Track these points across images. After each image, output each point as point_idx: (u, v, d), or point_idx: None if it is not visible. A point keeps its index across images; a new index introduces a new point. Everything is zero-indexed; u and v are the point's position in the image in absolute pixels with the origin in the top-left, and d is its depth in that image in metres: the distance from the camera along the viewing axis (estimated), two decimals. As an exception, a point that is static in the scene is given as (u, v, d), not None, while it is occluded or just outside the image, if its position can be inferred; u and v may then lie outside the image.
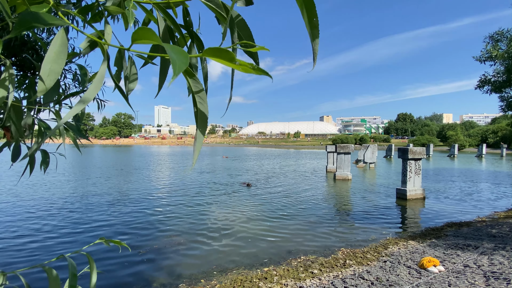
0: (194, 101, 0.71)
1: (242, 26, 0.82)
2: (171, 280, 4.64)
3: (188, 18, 0.90)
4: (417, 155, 10.74)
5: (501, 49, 7.66)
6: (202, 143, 0.72)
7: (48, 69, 0.58)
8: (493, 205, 10.28)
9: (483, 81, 8.80)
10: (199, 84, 0.71)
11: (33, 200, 10.22)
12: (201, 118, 0.72)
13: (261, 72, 0.62)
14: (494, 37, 7.89)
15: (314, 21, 0.67)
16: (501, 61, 7.79)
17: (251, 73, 0.62)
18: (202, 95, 0.72)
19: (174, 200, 10.50)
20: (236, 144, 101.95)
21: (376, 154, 24.72)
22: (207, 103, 0.73)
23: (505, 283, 4.01)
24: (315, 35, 0.68)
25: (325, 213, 8.90)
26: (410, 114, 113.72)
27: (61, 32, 0.60)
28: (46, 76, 0.58)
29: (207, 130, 0.80)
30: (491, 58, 7.85)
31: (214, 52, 0.59)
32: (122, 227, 7.33)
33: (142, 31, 0.58)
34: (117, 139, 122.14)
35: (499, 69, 8.19)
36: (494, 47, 7.73)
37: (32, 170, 1.20)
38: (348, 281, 4.37)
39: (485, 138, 67.86)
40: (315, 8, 0.66)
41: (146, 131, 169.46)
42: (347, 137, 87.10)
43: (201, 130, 0.71)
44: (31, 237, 6.53)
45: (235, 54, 0.59)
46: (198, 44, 0.92)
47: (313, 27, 0.67)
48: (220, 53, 0.58)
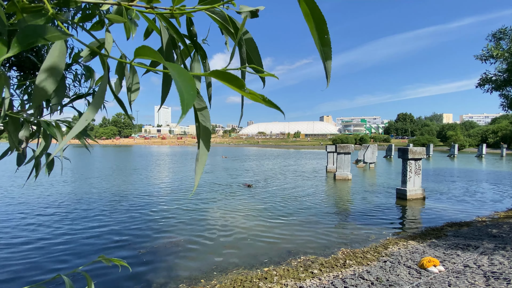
0: (196, 117, 0.68)
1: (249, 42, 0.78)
2: (171, 280, 4.64)
3: (192, 28, 0.87)
4: (417, 155, 10.74)
5: (502, 48, 7.64)
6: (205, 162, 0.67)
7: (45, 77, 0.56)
8: (493, 205, 10.27)
9: (484, 79, 8.78)
10: (202, 102, 0.67)
11: (32, 200, 10.22)
12: (204, 134, 0.67)
13: (271, 105, 0.58)
14: (497, 35, 7.86)
15: (326, 39, 0.61)
16: (502, 60, 7.77)
17: (260, 103, 0.58)
18: (205, 113, 0.68)
19: (174, 201, 10.50)
20: (236, 144, 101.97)
21: (376, 154, 24.71)
22: (209, 119, 0.68)
23: (505, 283, 4.01)
24: (328, 54, 0.63)
25: (325, 213, 8.90)
26: (410, 114, 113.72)
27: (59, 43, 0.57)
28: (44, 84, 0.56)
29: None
30: (492, 56, 7.83)
31: (222, 75, 0.56)
32: (122, 227, 7.32)
33: (144, 49, 0.57)
34: (117, 139, 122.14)
35: (501, 67, 8.16)
36: (496, 45, 7.71)
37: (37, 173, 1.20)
38: (348, 281, 4.37)
39: (485, 138, 67.84)
40: (326, 24, 0.60)
41: (146, 131, 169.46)
42: (347, 137, 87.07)
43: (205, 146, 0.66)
44: (30, 244, 6.53)
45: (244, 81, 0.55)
46: (202, 54, 0.90)
47: (325, 45, 0.62)
48: (229, 78, 0.56)
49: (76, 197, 10.88)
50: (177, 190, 12.74)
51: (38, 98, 0.56)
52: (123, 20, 0.72)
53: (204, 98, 0.71)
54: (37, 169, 1.16)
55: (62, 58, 0.57)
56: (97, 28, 0.80)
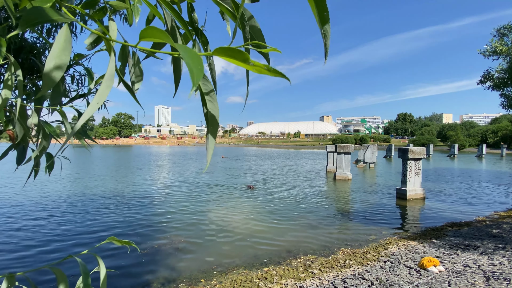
0: (204, 101, 0.69)
1: (252, 23, 0.79)
2: (171, 280, 4.64)
3: (193, 13, 0.88)
4: (417, 155, 10.74)
5: (506, 44, 7.59)
6: (215, 143, 0.71)
7: (53, 65, 0.58)
8: (493, 205, 10.27)
9: (486, 76, 8.73)
10: (208, 84, 0.69)
11: (32, 200, 10.22)
12: (212, 118, 0.69)
13: (277, 73, 0.58)
14: (501, 31, 7.81)
15: (325, 16, 0.63)
16: (504, 56, 7.73)
17: (266, 74, 0.58)
18: (213, 96, 0.69)
19: (174, 200, 10.50)
20: (236, 144, 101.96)
21: (376, 154, 24.71)
22: (217, 102, 0.70)
23: (505, 283, 4.01)
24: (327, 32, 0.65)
25: (325, 213, 8.90)
26: (410, 114, 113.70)
27: (65, 28, 0.59)
28: (52, 71, 0.58)
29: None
30: (496, 52, 7.78)
31: (225, 52, 0.56)
32: (122, 227, 7.32)
33: (152, 30, 0.57)
34: (117, 139, 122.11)
35: (502, 66, 8.13)
36: (500, 41, 7.66)
37: (37, 173, 1.20)
38: (348, 281, 4.37)
39: (485, 138, 67.85)
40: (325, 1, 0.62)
41: (146, 131, 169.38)
42: (347, 137, 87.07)
43: (213, 129, 0.70)
44: (32, 240, 6.53)
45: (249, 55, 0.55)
46: (203, 40, 0.91)
47: (324, 23, 0.64)
48: (233, 53, 0.55)
49: (74, 198, 10.88)
50: (177, 190, 12.73)
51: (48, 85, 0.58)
52: (126, 6, 0.73)
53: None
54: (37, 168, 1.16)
55: (68, 45, 0.59)
56: (99, 16, 0.80)
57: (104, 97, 0.59)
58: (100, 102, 0.58)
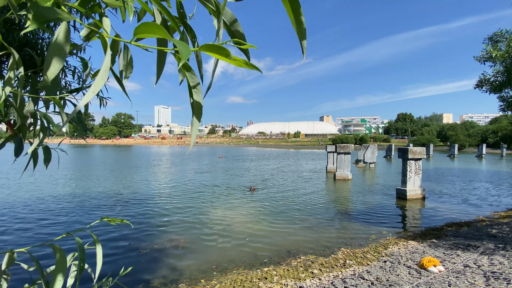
0: (191, 92, 0.78)
1: (235, 27, 0.88)
2: (171, 280, 4.64)
3: (182, 10, 0.94)
4: (417, 155, 10.74)
5: (500, 50, 7.62)
6: (198, 128, 0.80)
7: (53, 57, 0.63)
8: (493, 205, 10.27)
9: (481, 80, 8.78)
10: (195, 78, 0.77)
11: (32, 200, 10.22)
12: (196, 107, 0.78)
13: (251, 67, 0.68)
14: (493, 38, 7.87)
15: (300, 19, 0.71)
16: (500, 61, 7.76)
17: (243, 67, 0.68)
18: (198, 89, 0.79)
19: (174, 201, 10.50)
20: (236, 144, 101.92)
21: (376, 154, 24.71)
22: (202, 93, 0.80)
23: (505, 283, 4.01)
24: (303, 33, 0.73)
25: (325, 213, 8.90)
26: (410, 114, 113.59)
27: (64, 23, 0.65)
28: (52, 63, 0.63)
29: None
30: (491, 58, 7.82)
31: (211, 48, 0.64)
32: (121, 227, 7.32)
33: (149, 26, 0.61)
34: (117, 139, 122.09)
35: (498, 69, 8.15)
36: (494, 47, 7.70)
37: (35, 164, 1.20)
38: (348, 281, 4.37)
39: (485, 138, 67.82)
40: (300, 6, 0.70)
41: (146, 131, 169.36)
42: (347, 137, 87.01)
43: (197, 117, 0.79)
44: (32, 240, 6.53)
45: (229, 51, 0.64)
46: (191, 35, 0.97)
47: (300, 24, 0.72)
48: (217, 49, 0.64)
49: (76, 197, 10.88)
50: (177, 190, 12.73)
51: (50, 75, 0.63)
52: (119, 5, 0.79)
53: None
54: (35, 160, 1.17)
55: (67, 37, 0.65)
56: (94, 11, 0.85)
57: (99, 86, 0.64)
58: (96, 91, 0.63)
